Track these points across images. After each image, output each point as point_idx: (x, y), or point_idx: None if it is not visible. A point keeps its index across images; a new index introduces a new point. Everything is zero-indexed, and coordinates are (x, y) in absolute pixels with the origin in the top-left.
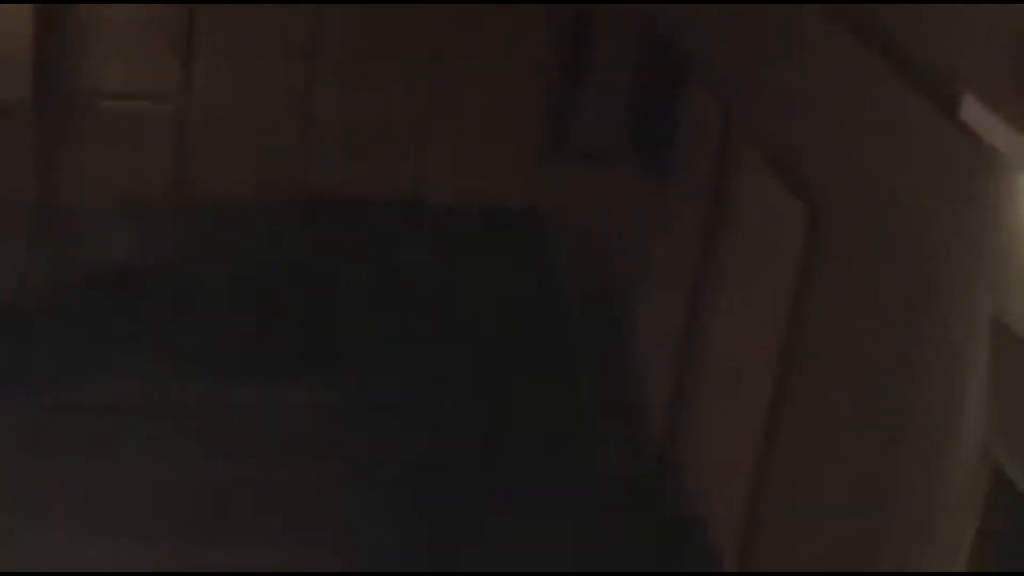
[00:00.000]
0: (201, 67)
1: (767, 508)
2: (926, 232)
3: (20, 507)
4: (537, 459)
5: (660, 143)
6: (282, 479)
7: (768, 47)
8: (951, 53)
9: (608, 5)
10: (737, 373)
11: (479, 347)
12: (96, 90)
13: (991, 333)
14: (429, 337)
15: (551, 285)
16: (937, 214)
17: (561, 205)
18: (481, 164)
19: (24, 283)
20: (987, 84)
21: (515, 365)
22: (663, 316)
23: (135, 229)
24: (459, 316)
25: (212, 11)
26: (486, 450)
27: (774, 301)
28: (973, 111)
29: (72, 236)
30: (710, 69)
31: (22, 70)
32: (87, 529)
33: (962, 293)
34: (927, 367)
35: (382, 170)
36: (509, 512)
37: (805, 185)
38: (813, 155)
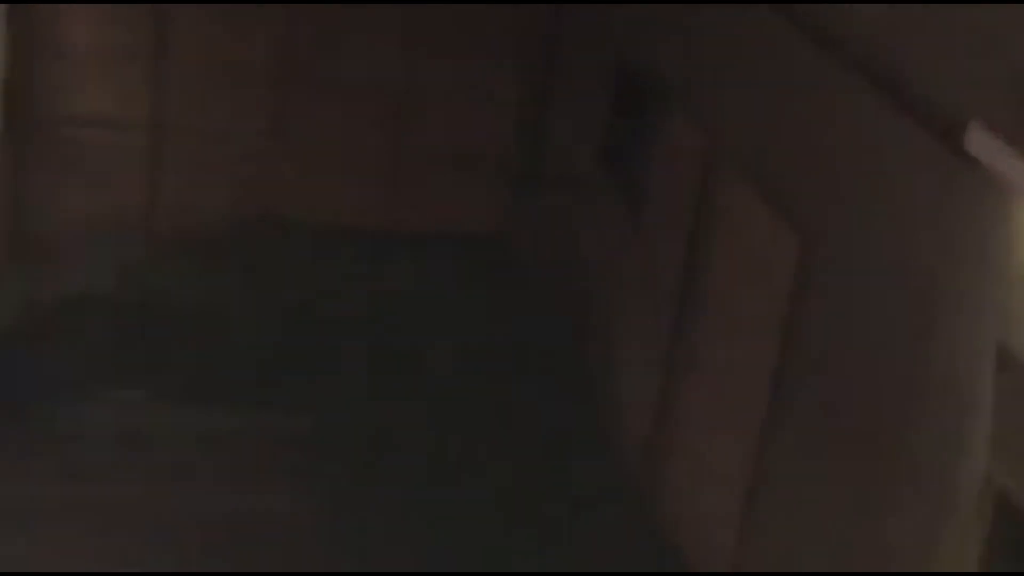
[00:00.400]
0: (171, 94)
1: (755, 537)
2: (927, 260)
3: None
4: (516, 484)
5: (635, 168)
6: (260, 505)
7: (751, 72)
8: (951, 82)
9: (580, 30)
10: (724, 399)
11: (455, 373)
12: (67, 118)
13: (996, 360)
14: (404, 364)
15: (526, 310)
16: (938, 242)
17: (535, 231)
18: (454, 191)
19: None
20: (990, 113)
21: (492, 390)
22: (644, 341)
23: (107, 257)
24: (435, 343)
25: (182, 38)
26: (462, 474)
27: (764, 328)
28: (978, 140)
29: (44, 265)
30: (689, 94)
31: None
32: (66, 555)
33: (966, 320)
34: (929, 394)
35: (354, 197)
36: (490, 534)
37: (794, 212)
38: (803, 182)
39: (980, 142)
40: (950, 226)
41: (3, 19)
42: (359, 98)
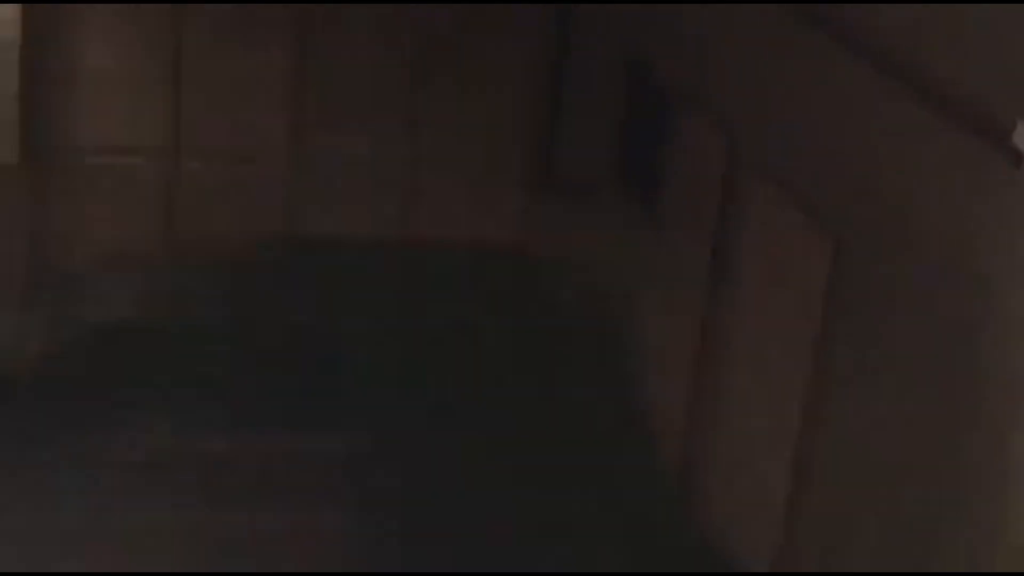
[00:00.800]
0: (188, 119)
1: (801, 541)
2: (973, 258)
3: (22, 564)
4: (556, 494)
5: (652, 172)
6: (292, 528)
7: (773, 74)
8: (992, 82)
9: (589, 35)
10: (760, 396)
11: (486, 384)
12: (83, 147)
13: None
14: (438, 378)
15: (550, 317)
16: (985, 239)
17: (550, 238)
18: (469, 201)
19: (21, 343)
20: None
21: (523, 400)
22: (673, 343)
23: (130, 283)
24: (466, 355)
25: (196, 64)
26: (505, 485)
27: (798, 326)
28: None
29: (67, 294)
30: (707, 98)
31: (9, 129)
32: None
33: (1017, 318)
34: (980, 398)
35: (371, 212)
36: (532, 545)
37: (825, 213)
38: (833, 183)
39: None
40: (997, 222)
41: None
42: (372, 113)
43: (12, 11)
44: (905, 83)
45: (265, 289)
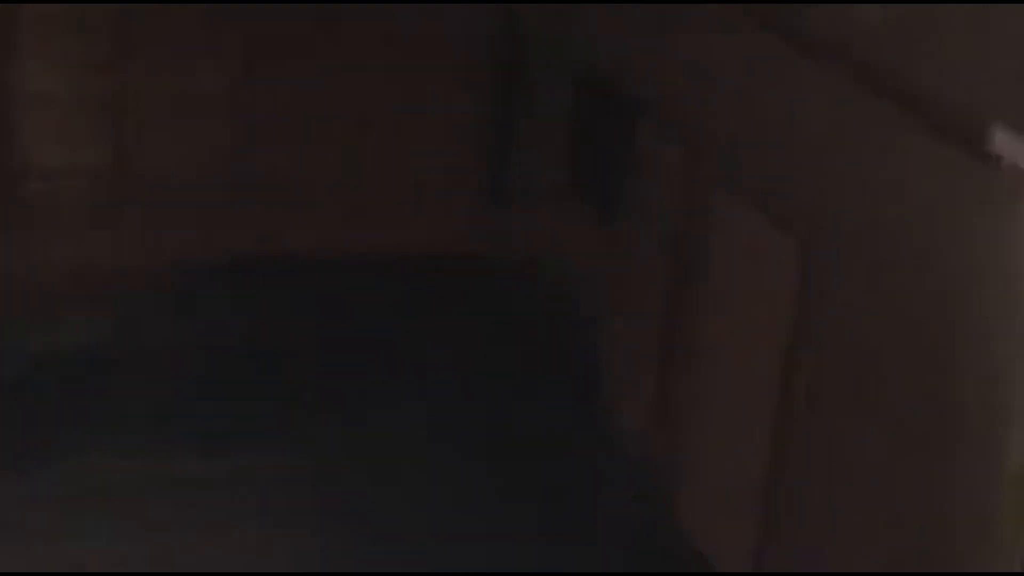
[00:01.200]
0: (133, 139)
1: (777, 550)
2: (949, 263)
3: None
4: (525, 498)
5: (606, 183)
6: (256, 549)
7: (730, 80)
8: (965, 84)
9: (539, 43)
10: (728, 405)
11: (443, 400)
12: (27, 170)
13: None
14: (388, 393)
15: (507, 328)
16: (960, 245)
17: (505, 249)
18: (420, 214)
19: None
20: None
21: (482, 415)
22: (634, 356)
23: (79, 307)
24: (416, 370)
25: (136, 83)
26: (474, 492)
27: (767, 333)
28: (1003, 141)
29: (19, 318)
30: (662, 104)
31: None
32: None
33: (996, 322)
34: (960, 400)
35: (320, 226)
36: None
37: (789, 218)
38: (797, 188)
39: (1004, 143)
40: (969, 226)
41: None
42: (318, 127)
43: None
44: (871, 85)
45: (215, 308)
